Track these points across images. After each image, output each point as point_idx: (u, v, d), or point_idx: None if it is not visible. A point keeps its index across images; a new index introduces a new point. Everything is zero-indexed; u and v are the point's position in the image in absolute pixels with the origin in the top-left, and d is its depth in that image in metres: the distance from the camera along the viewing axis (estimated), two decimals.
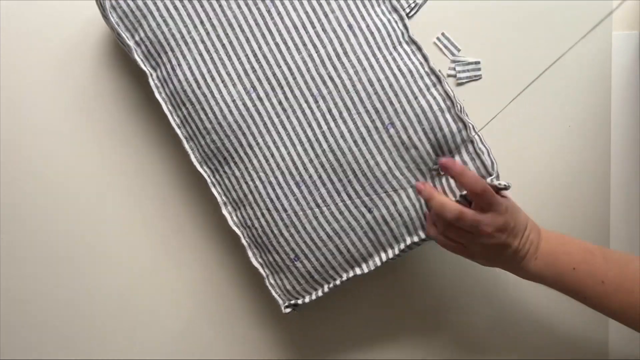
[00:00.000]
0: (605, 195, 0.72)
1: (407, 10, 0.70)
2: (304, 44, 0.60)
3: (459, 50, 0.71)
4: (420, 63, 0.61)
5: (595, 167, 0.71)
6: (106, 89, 0.71)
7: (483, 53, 0.71)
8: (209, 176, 0.64)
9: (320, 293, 0.63)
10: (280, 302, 0.64)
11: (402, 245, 0.62)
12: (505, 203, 0.55)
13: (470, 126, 0.59)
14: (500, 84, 0.71)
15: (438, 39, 0.71)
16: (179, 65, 0.61)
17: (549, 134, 0.71)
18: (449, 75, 0.71)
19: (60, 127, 0.71)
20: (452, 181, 0.60)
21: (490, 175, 0.58)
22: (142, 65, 0.63)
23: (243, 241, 0.64)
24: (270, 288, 0.64)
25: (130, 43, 0.62)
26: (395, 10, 0.64)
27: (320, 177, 0.60)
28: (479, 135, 0.59)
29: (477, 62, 0.71)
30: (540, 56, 0.70)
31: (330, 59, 0.60)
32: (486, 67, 0.71)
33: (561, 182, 0.72)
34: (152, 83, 0.63)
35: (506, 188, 0.57)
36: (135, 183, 0.72)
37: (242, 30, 0.61)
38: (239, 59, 0.61)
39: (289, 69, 0.60)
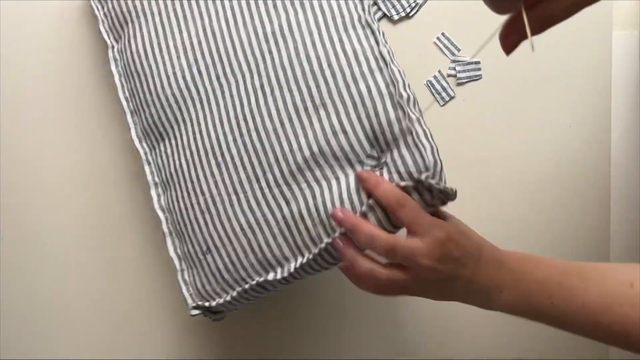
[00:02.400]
0: (605, 196, 0.72)
1: (408, 10, 0.70)
2: (252, 19, 0.56)
3: (459, 50, 0.71)
4: (370, 47, 0.54)
5: (595, 167, 0.71)
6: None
7: (483, 53, 0.71)
8: (145, 154, 0.61)
9: (228, 298, 0.57)
10: (190, 301, 0.58)
11: (322, 246, 0.53)
12: (444, 227, 0.48)
13: (414, 117, 0.52)
14: (500, 84, 0.71)
15: (438, 39, 0.71)
16: (134, 36, 0.60)
17: (549, 134, 0.71)
18: (449, 75, 0.71)
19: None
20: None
21: (428, 170, 0.49)
22: (105, 37, 0.63)
23: (164, 227, 0.59)
24: (182, 285, 0.59)
25: (99, 14, 0.63)
26: None
27: (241, 158, 0.55)
28: (427, 129, 0.52)
29: (477, 62, 0.71)
30: (540, 56, 0.70)
31: (274, 35, 0.55)
32: (486, 67, 0.71)
33: (561, 182, 0.71)
34: (110, 55, 0.63)
35: (446, 194, 0.49)
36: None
37: (198, 5, 0.58)
38: (188, 32, 0.58)
39: (232, 43, 0.57)
